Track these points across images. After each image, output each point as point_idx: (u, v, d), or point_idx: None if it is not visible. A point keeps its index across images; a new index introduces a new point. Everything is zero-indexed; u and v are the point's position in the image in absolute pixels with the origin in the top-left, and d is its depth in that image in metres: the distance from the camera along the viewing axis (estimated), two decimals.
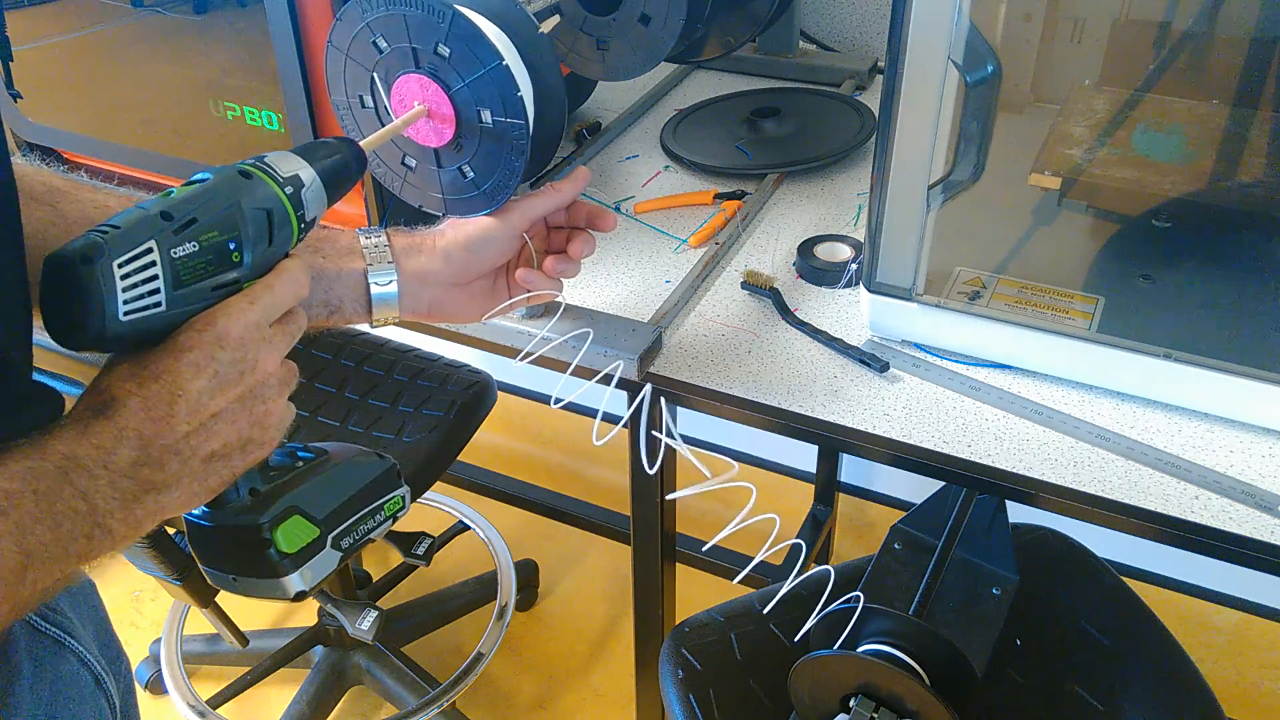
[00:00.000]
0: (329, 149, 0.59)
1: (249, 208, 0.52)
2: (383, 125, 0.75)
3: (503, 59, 0.68)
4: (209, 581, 0.58)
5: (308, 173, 0.56)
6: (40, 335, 0.55)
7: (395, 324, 0.73)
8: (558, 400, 0.78)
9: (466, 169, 0.74)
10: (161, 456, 0.48)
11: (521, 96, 0.69)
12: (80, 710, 0.61)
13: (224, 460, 0.52)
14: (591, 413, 0.79)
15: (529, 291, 0.77)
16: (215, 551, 0.57)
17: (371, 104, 0.75)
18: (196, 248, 0.50)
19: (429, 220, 0.77)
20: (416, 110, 0.71)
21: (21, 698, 0.57)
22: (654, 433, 0.81)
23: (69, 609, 0.63)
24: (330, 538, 0.59)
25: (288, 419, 0.55)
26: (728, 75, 1.45)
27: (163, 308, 0.49)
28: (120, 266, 0.47)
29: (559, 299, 0.79)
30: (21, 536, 0.43)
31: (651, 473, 0.83)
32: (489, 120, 0.71)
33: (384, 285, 0.69)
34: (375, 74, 0.73)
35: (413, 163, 0.77)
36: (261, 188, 0.54)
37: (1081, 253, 0.90)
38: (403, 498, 0.64)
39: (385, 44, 0.71)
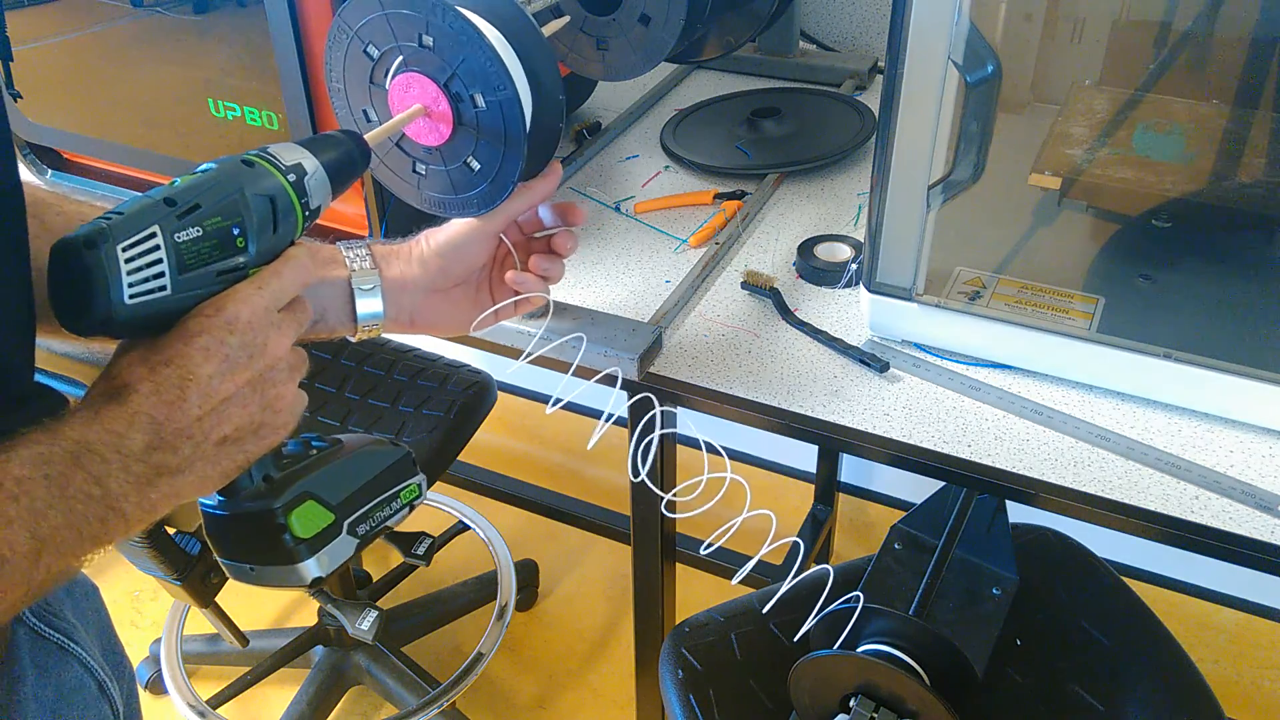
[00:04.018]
0: (332, 140, 0.60)
1: (252, 195, 0.53)
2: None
3: (484, 37, 0.67)
4: (228, 575, 0.59)
5: (310, 161, 0.57)
6: (43, 338, 0.55)
7: (378, 334, 0.72)
8: (556, 401, 0.78)
9: (471, 163, 0.74)
10: (174, 440, 0.49)
11: (511, 74, 0.68)
12: (84, 715, 0.61)
13: (237, 444, 0.52)
14: (591, 413, 0.79)
15: (515, 295, 0.77)
16: (232, 541, 0.58)
17: (376, 118, 0.75)
18: (200, 232, 0.51)
19: (429, 220, 0.77)
20: (414, 109, 0.71)
21: (26, 703, 0.57)
22: (665, 431, 0.81)
23: (72, 614, 0.63)
24: (346, 524, 0.59)
25: (300, 404, 0.56)
26: (728, 75, 1.45)
27: (168, 291, 0.50)
28: (124, 250, 0.48)
29: (547, 299, 0.78)
30: (34, 521, 0.43)
31: (636, 481, 0.83)
32: (482, 104, 0.70)
33: (368, 293, 0.69)
34: (371, 80, 0.73)
35: (422, 168, 0.76)
36: (264, 176, 0.54)
37: (1081, 253, 0.90)
38: (419, 485, 0.64)
39: (376, 50, 0.71)
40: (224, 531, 0.57)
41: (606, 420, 0.78)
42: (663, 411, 0.91)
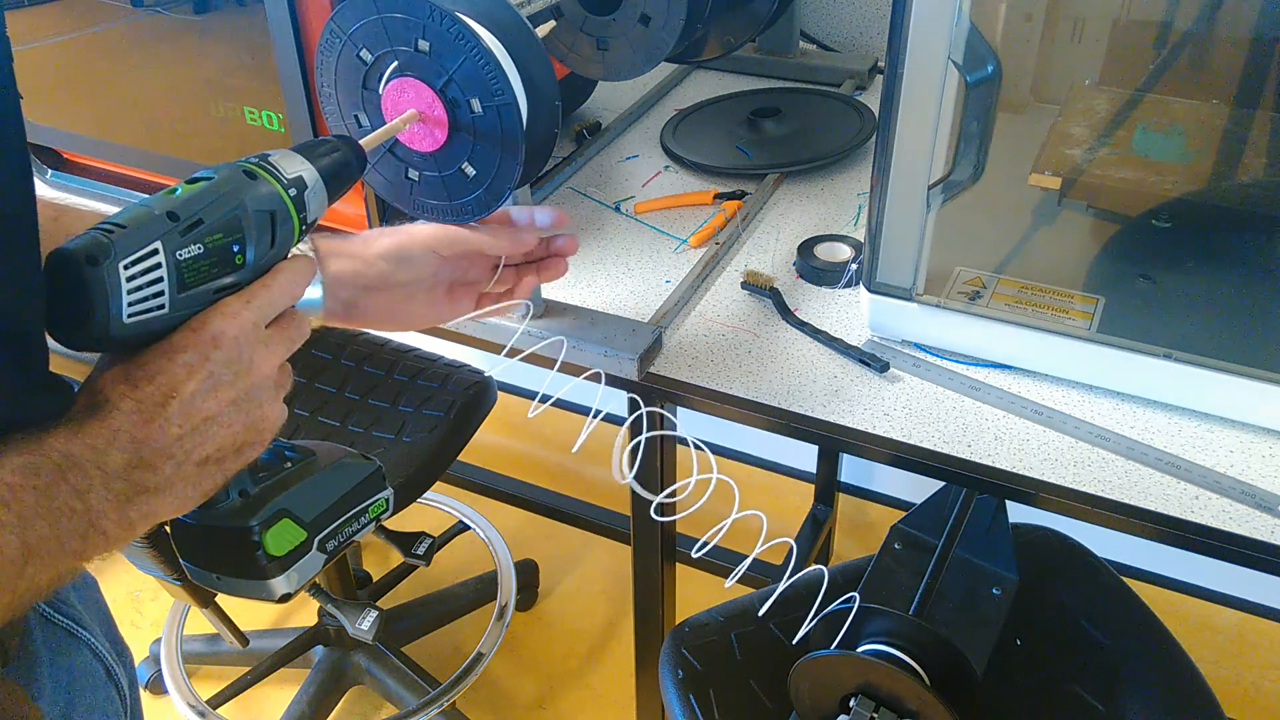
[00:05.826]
0: (330, 148, 0.59)
1: (253, 209, 0.52)
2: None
3: (483, 41, 0.67)
4: (189, 577, 0.58)
5: (311, 173, 0.56)
6: None
7: (319, 326, 0.72)
8: (545, 398, 0.78)
9: (466, 169, 0.74)
10: (154, 460, 0.48)
11: (509, 79, 0.68)
12: (94, 699, 0.62)
13: (218, 464, 0.51)
14: (590, 412, 0.79)
15: (494, 300, 0.78)
16: (201, 551, 0.57)
17: (368, 123, 0.75)
18: (201, 250, 0.49)
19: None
20: (409, 114, 0.71)
21: (43, 682, 0.57)
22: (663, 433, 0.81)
23: (78, 602, 0.64)
24: (317, 540, 0.58)
25: (281, 422, 0.55)
26: (728, 75, 1.45)
27: (165, 310, 0.48)
28: (126, 268, 0.46)
29: (527, 302, 0.79)
30: (23, 529, 0.43)
31: (623, 483, 0.82)
32: (479, 110, 0.70)
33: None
34: (365, 85, 0.73)
35: (415, 174, 0.76)
36: (266, 189, 0.53)
37: (1081, 253, 0.90)
38: (387, 500, 0.63)
39: (369, 55, 0.71)
40: (194, 541, 0.56)
41: (594, 418, 0.78)
42: (661, 412, 0.91)
